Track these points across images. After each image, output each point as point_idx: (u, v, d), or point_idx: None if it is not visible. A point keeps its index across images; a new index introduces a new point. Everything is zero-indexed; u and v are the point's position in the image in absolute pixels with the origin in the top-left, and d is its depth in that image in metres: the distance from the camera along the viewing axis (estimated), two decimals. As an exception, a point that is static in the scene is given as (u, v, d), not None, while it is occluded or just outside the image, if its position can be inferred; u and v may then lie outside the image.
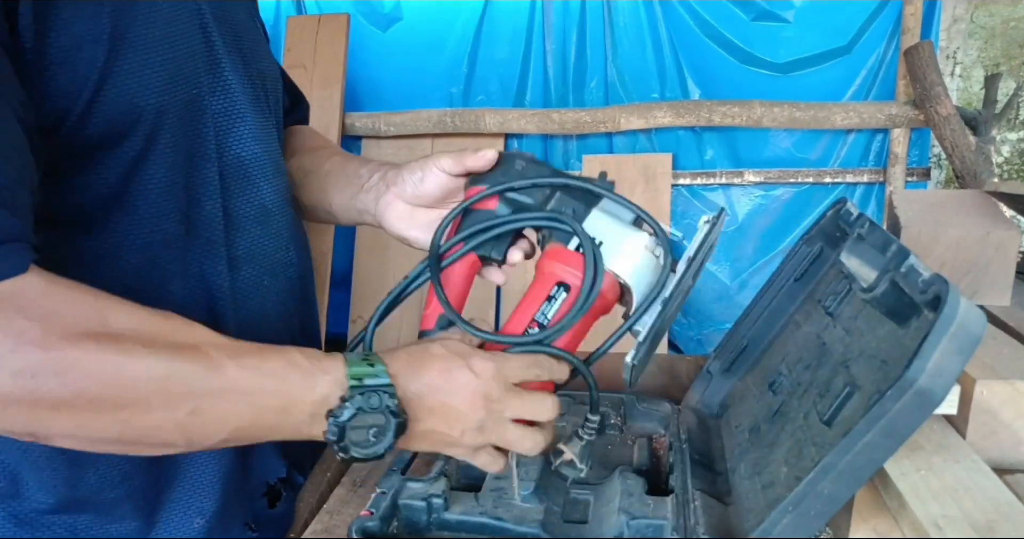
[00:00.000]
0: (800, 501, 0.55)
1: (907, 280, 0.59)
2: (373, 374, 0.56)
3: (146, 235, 0.61)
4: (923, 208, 1.01)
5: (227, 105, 0.67)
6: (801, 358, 0.75)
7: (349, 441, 0.55)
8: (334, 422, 0.54)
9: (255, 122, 0.71)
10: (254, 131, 0.70)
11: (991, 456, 0.66)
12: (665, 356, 1.11)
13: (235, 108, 0.68)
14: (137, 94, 0.57)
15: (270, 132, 0.74)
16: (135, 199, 0.60)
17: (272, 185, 0.73)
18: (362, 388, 0.55)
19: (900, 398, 0.50)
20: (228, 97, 0.67)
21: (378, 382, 0.55)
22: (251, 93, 0.71)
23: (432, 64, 2.88)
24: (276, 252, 0.73)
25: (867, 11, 2.57)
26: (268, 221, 0.72)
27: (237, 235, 0.69)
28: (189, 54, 0.61)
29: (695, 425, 0.84)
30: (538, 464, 0.73)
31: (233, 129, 0.68)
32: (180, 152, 0.62)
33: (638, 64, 2.75)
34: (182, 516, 0.68)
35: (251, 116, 0.70)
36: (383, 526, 0.67)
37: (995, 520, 0.54)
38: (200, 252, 0.65)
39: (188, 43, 0.61)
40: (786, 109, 2.57)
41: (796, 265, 0.84)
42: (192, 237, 0.64)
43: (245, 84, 0.70)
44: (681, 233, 0.67)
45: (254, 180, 0.71)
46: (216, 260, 0.66)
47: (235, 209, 0.68)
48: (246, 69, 0.71)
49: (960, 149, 2.34)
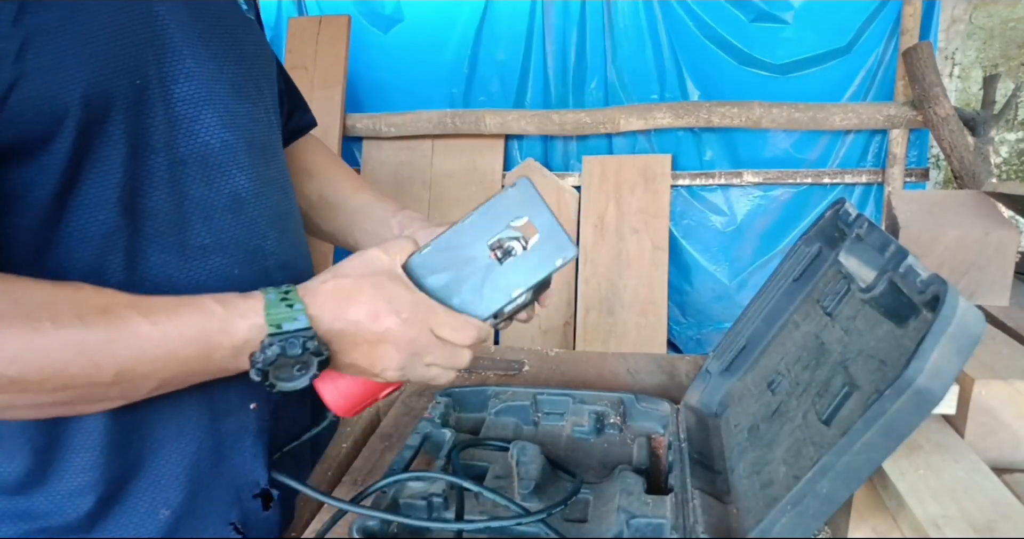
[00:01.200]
0: (799, 500, 0.55)
1: (906, 280, 0.59)
2: (291, 317, 0.58)
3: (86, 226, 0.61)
4: (922, 208, 1.01)
5: (190, 92, 0.66)
6: (800, 358, 0.75)
7: (275, 378, 0.59)
8: (256, 366, 0.57)
9: (230, 108, 0.69)
10: (226, 117, 0.69)
11: (990, 456, 0.66)
12: (665, 356, 1.12)
13: (200, 95, 0.67)
14: (58, 89, 0.56)
15: (256, 118, 0.73)
16: (73, 190, 0.60)
17: (247, 172, 0.71)
18: (281, 334, 0.57)
19: (898, 398, 0.51)
20: (191, 84, 0.66)
21: (297, 327, 0.58)
22: (232, 77, 0.70)
23: (433, 65, 2.88)
24: (250, 241, 0.72)
25: (866, 12, 2.58)
26: (241, 209, 0.71)
27: (200, 224, 0.67)
28: (128, 44, 0.60)
29: (694, 424, 0.84)
30: (538, 464, 0.73)
31: (199, 116, 0.67)
32: (119, 143, 0.61)
33: (638, 65, 2.76)
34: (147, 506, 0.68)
35: (225, 102, 0.69)
36: (383, 526, 0.67)
37: (994, 520, 0.54)
38: (146, 243, 0.64)
39: (127, 35, 0.60)
40: (785, 110, 2.57)
41: (795, 265, 0.85)
42: (131, 228, 0.63)
43: (220, 69, 0.69)
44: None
45: (223, 168, 0.69)
46: (166, 251, 0.65)
47: (196, 199, 0.67)
48: (225, 53, 0.70)
49: (959, 149, 2.34)
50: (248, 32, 0.75)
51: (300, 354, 0.58)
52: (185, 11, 0.66)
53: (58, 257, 0.61)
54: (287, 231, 0.78)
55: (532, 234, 0.66)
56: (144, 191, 0.64)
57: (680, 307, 2.87)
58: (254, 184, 0.72)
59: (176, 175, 0.66)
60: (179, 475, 0.69)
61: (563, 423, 0.87)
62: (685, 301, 2.86)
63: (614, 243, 2.77)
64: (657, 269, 2.74)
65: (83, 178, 0.60)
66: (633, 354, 1.10)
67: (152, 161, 0.64)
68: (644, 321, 2.74)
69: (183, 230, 0.67)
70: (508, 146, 2.92)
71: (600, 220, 2.78)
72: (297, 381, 0.60)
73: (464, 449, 0.79)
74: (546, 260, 0.66)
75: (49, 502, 0.65)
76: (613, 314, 2.75)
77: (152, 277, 0.65)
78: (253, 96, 0.74)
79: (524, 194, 0.66)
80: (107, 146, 0.60)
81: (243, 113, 0.71)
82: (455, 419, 0.88)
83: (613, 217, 2.77)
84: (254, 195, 0.72)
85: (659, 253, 2.74)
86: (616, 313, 2.75)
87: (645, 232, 2.75)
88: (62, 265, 0.61)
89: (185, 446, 0.69)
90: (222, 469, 0.72)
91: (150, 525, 0.68)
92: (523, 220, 0.66)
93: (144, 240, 0.64)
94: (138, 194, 0.63)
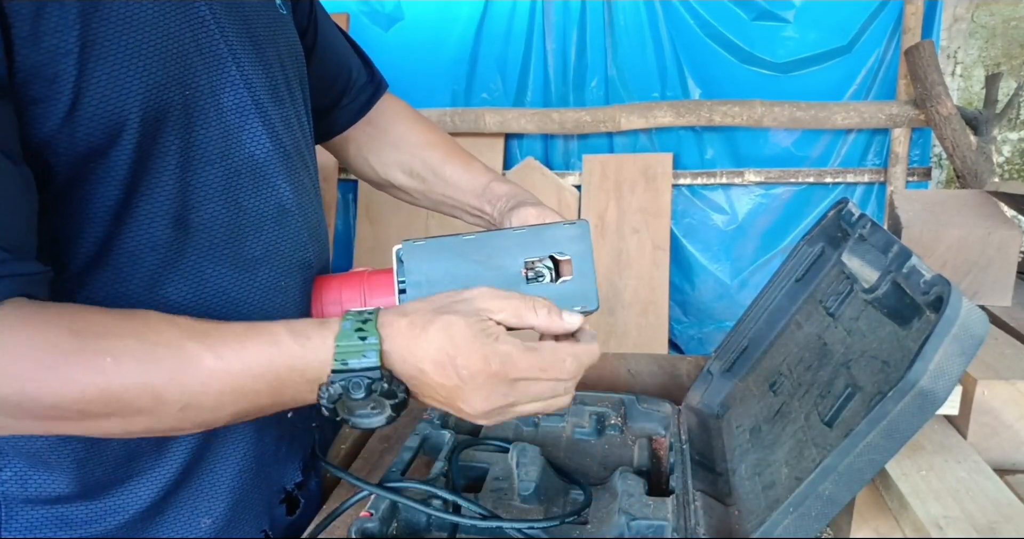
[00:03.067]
0: (801, 502, 0.55)
1: (909, 281, 0.59)
2: (360, 352, 0.53)
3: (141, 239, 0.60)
4: (924, 208, 1.01)
5: (238, 101, 0.65)
6: (802, 359, 0.75)
7: (347, 414, 0.55)
8: (322, 401, 0.53)
9: (272, 116, 0.68)
10: (269, 126, 0.67)
11: (992, 457, 0.66)
12: (666, 356, 1.11)
13: (246, 103, 0.65)
14: (117, 104, 0.55)
15: (290, 123, 0.71)
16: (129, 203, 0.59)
17: (291, 183, 0.70)
18: (345, 372, 0.52)
19: (901, 399, 0.50)
20: (238, 93, 0.64)
21: (363, 365, 0.52)
22: (267, 83, 0.68)
23: (433, 64, 2.88)
24: (294, 253, 0.71)
25: (867, 11, 2.57)
26: (285, 221, 0.70)
27: (251, 236, 0.67)
28: (179, 54, 0.59)
29: (696, 425, 0.84)
30: (538, 464, 0.73)
31: (247, 126, 0.65)
32: (172, 155, 0.60)
33: (638, 64, 2.75)
34: (189, 514, 0.68)
35: (268, 109, 0.67)
36: (383, 527, 0.67)
37: (996, 521, 0.54)
38: (197, 256, 0.63)
39: (178, 43, 0.59)
40: (787, 109, 2.57)
41: (797, 265, 0.84)
42: (187, 241, 0.62)
43: (264, 73, 0.67)
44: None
45: (269, 178, 0.68)
46: (219, 263, 0.64)
47: (249, 209, 0.66)
48: (265, 56, 0.68)
49: (961, 149, 2.34)
50: (283, 30, 0.73)
51: (364, 397, 0.52)
52: (225, 12, 0.64)
53: (117, 271, 0.60)
54: (322, 240, 0.77)
55: (567, 273, 0.67)
56: (199, 203, 0.62)
57: (681, 307, 2.86)
58: (295, 194, 0.71)
59: (230, 186, 0.65)
60: (224, 484, 0.69)
61: (564, 424, 0.87)
62: (686, 300, 2.86)
63: (615, 243, 2.76)
64: (658, 269, 2.74)
65: (139, 191, 0.59)
66: (634, 354, 1.10)
67: (206, 172, 0.63)
68: (645, 321, 2.73)
69: (237, 242, 0.65)
70: (508, 145, 2.91)
71: (600, 219, 2.78)
72: (371, 419, 0.55)
73: (463, 450, 0.79)
74: (568, 301, 0.65)
75: (89, 511, 0.64)
76: (614, 314, 2.75)
77: (209, 291, 0.64)
78: (287, 100, 0.72)
79: (580, 235, 0.68)
80: (160, 158, 0.59)
81: (279, 119, 0.70)
82: (454, 420, 0.88)
83: (614, 216, 2.77)
84: (296, 205, 0.71)
85: (660, 253, 2.74)
86: (617, 313, 2.74)
87: (646, 231, 2.75)
88: (121, 279, 0.60)
89: (231, 456, 0.69)
90: (261, 477, 0.72)
91: (190, 533, 0.68)
92: (566, 257, 0.67)
93: (199, 253, 0.63)
94: (192, 206, 0.62)
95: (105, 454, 0.63)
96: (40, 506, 0.63)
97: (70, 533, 0.64)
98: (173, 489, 0.67)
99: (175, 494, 0.67)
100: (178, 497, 0.67)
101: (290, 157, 0.71)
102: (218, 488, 0.69)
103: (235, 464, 0.70)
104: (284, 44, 0.73)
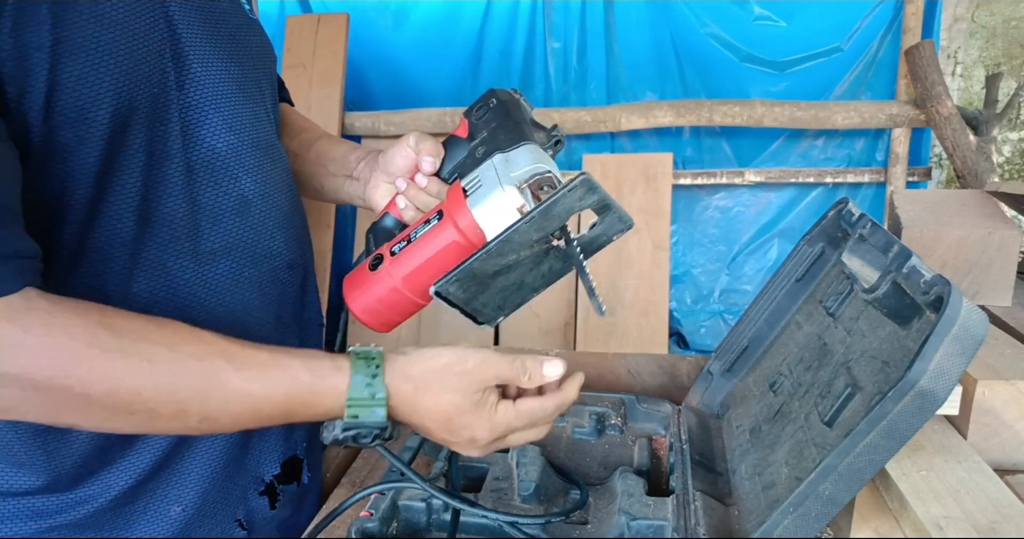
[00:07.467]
0: (801, 502, 0.55)
1: (909, 281, 0.59)
2: (370, 408, 0.60)
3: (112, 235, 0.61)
4: (924, 208, 1.01)
5: (197, 97, 0.66)
6: (802, 359, 0.75)
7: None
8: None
9: (236, 110, 0.69)
10: (232, 120, 0.69)
11: (993, 457, 0.66)
12: (666, 356, 1.11)
13: (206, 99, 0.67)
14: (88, 102, 0.56)
15: (258, 117, 0.73)
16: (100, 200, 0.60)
17: (253, 175, 0.71)
18: (355, 426, 0.59)
19: (901, 399, 0.50)
20: (198, 89, 0.66)
21: (373, 420, 0.60)
22: (236, 78, 0.70)
23: (435, 63, 2.88)
24: (258, 243, 0.72)
25: (863, 10, 2.57)
26: (247, 212, 0.71)
27: (209, 229, 0.68)
28: (149, 53, 0.60)
29: (696, 426, 0.84)
30: (538, 464, 0.73)
31: (205, 121, 0.67)
32: (138, 152, 0.61)
33: (639, 63, 2.75)
34: (160, 503, 0.68)
35: (232, 104, 0.69)
36: (383, 527, 0.67)
37: (997, 521, 0.54)
38: (159, 250, 0.65)
39: (147, 41, 0.60)
40: (787, 108, 2.57)
41: (797, 265, 0.84)
42: (149, 235, 0.64)
43: (226, 71, 0.69)
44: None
45: (230, 171, 0.69)
46: (180, 256, 0.66)
47: (206, 203, 0.68)
48: (229, 55, 0.69)
49: (961, 149, 2.34)
50: (252, 32, 0.75)
51: (371, 442, 0.60)
52: (194, 12, 0.66)
53: (93, 267, 0.61)
54: (294, 230, 0.78)
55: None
56: (160, 199, 0.64)
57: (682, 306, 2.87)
58: (260, 186, 0.72)
59: (189, 181, 0.66)
60: (194, 473, 0.70)
61: (564, 424, 0.87)
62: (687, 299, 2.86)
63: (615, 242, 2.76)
64: (658, 269, 2.73)
65: (108, 187, 0.60)
66: (634, 355, 1.10)
67: (167, 168, 0.64)
68: (645, 321, 2.73)
69: (195, 236, 0.67)
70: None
71: (601, 219, 2.77)
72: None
73: (464, 450, 0.79)
74: (609, 229, 0.72)
75: (59, 501, 0.65)
76: (614, 314, 2.74)
77: (174, 284, 0.66)
78: (255, 97, 0.74)
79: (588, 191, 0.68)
80: (127, 155, 0.61)
81: (247, 114, 0.71)
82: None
83: (614, 216, 2.77)
84: (260, 196, 0.72)
85: (660, 253, 2.74)
86: (617, 313, 2.74)
87: (646, 232, 2.75)
88: (96, 275, 0.62)
89: (202, 446, 0.70)
90: (233, 467, 0.73)
91: (160, 521, 0.69)
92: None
93: (161, 247, 0.65)
94: (154, 202, 0.64)
95: (74, 447, 0.64)
96: (9, 499, 0.64)
97: (40, 523, 0.64)
98: (144, 479, 0.67)
99: (145, 484, 0.68)
100: (148, 487, 0.68)
101: (258, 149, 0.72)
102: (188, 477, 0.70)
103: (205, 454, 0.70)
104: (255, 45, 0.76)
